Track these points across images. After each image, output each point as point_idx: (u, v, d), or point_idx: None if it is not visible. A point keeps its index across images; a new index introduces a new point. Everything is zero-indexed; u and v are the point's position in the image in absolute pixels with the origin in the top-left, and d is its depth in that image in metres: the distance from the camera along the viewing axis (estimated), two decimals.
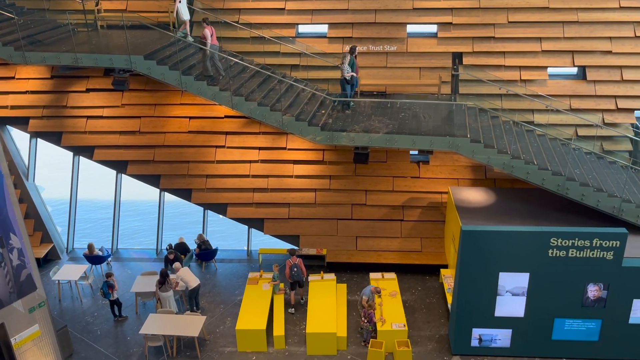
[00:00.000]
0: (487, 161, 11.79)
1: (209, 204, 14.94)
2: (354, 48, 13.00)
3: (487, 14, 14.21)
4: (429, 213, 14.23)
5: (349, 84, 12.95)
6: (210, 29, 12.82)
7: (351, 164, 14.24)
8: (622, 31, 13.92)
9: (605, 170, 12.68)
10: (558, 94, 14.08)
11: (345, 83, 12.93)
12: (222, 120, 14.79)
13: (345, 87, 13.00)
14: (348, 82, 12.91)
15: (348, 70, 12.69)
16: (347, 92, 13.06)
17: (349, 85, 12.99)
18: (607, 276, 10.46)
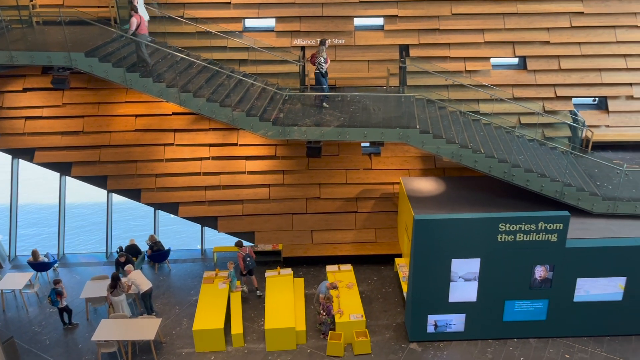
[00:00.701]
0: (437, 151, 12.06)
1: (160, 203, 14.59)
2: (325, 40, 12.93)
3: (431, 6, 14.48)
4: (382, 204, 14.43)
5: (325, 77, 12.89)
6: (139, 17, 12.29)
7: (304, 158, 14.23)
8: (559, 22, 14.50)
9: (547, 156, 13.22)
10: (501, 84, 14.54)
11: (321, 76, 12.86)
12: (170, 117, 14.45)
13: (321, 80, 12.91)
14: (324, 76, 12.86)
15: (325, 62, 12.63)
16: (324, 86, 12.98)
17: (325, 79, 12.93)
18: (552, 257, 10.92)
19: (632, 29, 14.50)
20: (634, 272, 11.01)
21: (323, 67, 12.66)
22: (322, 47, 12.72)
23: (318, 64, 12.76)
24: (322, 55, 12.63)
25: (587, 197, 12.04)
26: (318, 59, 12.73)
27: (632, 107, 14.63)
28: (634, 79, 14.56)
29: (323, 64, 12.65)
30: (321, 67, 12.69)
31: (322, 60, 12.63)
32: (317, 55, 12.78)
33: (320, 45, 12.84)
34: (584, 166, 13.30)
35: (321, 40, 12.91)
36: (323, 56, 12.62)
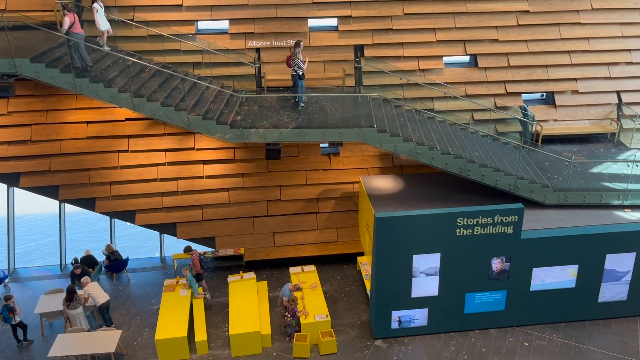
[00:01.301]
0: (394, 149, 12.22)
1: (116, 212, 14.18)
2: (300, 42, 12.92)
3: (384, 6, 14.66)
4: (343, 203, 14.51)
5: (302, 78, 12.91)
6: (72, 16, 11.88)
7: (263, 161, 14.15)
8: (507, 20, 14.96)
9: (500, 151, 13.62)
10: (454, 82, 14.88)
11: (298, 78, 12.87)
12: (123, 123, 14.08)
13: (297, 82, 12.92)
14: (301, 77, 12.88)
15: (302, 63, 12.68)
16: (301, 87, 13.00)
17: (302, 80, 12.95)
18: (509, 249, 11.25)
19: (575, 26, 15.12)
20: (585, 259, 11.48)
21: (301, 68, 12.73)
22: (298, 49, 12.76)
23: (295, 66, 12.80)
24: (299, 57, 12.68)
25: (539, 189, 12.47)
26: (294, 60, 12.76)
27: (578, 102, 15.25)
28: (578, 74, 15.18)
29: (300, 65, 12.70)
30: (298, 68, 12.74)
31: (299, 61, 12.68)
32: (293, 57, 12.82)
33: (295, 47, 12.86)
34: (535, 159, 13.77)
35: (296, 42, 12.94)
36: (300, 58, 12.68)
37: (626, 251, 11.48)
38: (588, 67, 15.20)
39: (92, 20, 12.86)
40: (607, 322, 12.03)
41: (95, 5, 12.55)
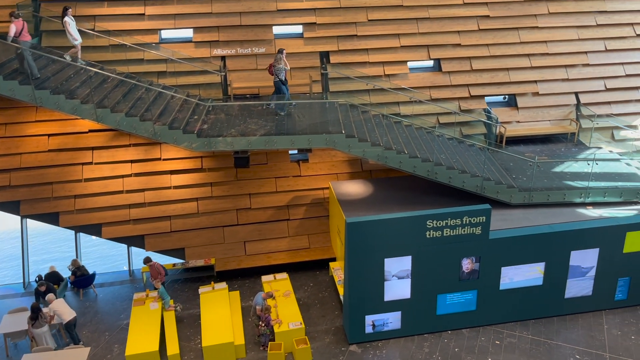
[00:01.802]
0: (363, 154, 12.30)
1: (81, 226, 13.82)
2: (283, 50, 13.03)
3: (348, 13, 14.79)
4: (313, 210, 14.51)
5: (285, 84, 12.99)
6: (20, 23, 11.55)
7: (232, 169, 14.04)
8: (468, 25, 15.28)
9: (466, 153, 13.86)
10: (419, 86, 15.09)
11: (281, 84, 12.94)
12: (86, 135, 13.76)
13: (281, 88, 12.99)
14: (284, 83, 12.97)
15: (284, 70, 12.84)
16: (286, 94, 13.09)
17: (285, 87, 13.03)
18: (478, 249, 11.44)
19: (533, 30, 15.55)
20: (551, 256, 11.76)
21: (282, 75, 12.83)
22: (280, 56, 12.87)
23: (277, 72, 12.85)
24: (280, 64, 12.77)
25: (505, 189, 12.74)
26: (276, 67, 12.83)
27: (539, 103, 15.67)
28: (538, 76, 15.61)
29: (282, 71, 12.79)
30: (280, 74, 12.82)
31: (281, 68, 12.77)
32: (274, 64, 12.89)
33: (277, 54, 12.95)
34: (500, 160, 14.07)
35: (279, 50, 13.04)
36: (281, 64, 12.77)
37: (590, 247, 11.82)
38: (547, 69, 15.66)
39: (58, 31, 12.54)
40: (574, 317, 12.35)
41: (66, 18, 12.31)
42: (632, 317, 12.27)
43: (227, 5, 14.35)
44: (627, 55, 15.87)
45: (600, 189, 12.92)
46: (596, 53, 15.79)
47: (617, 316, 12.32)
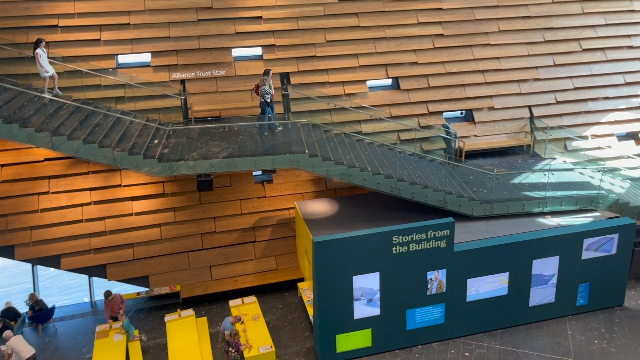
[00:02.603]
0: (327, 173, 12.36)
1: (38, 258, 13.32)
2: (269, 70, 13.13)
3: (306, 34, 14.97)
4: (280, 230, 14.42)
5: (270, 105, 13.04)
6: None
7: (195, 193, 13.85)
8: (423, 44, 15.69)
9: (427, 168, 14.11)
10: (379, 104, 15.34)
11: (266, 105, 13.00)
12: (42, 164, 13.35)
13: (266, 109, 13.05)
14: (269, 104, 13.00)
15: (269, 91, 12.91)
16: (270, 115, 13.17)
17: (270, 108, 13.09)
18: (444, 263, 11.59)
19: (485, 47, 16.10)
20: (514, 266, 12.03)
21: (268, 93, 12.94)
22: (266, 77, 12.99)
23: (262, 93, 12.94)
24: (266, 85, 12.90)
25: (466, 202, 13.00)
26: (261, 88, 12.93)
27: (494, 117, 16.14)
28: (492, 91, 16.11)
29: (268, 91, 12.90)
30: (265, 96, 12.91)
31: (267, 89, 12.88)
32: (260, 85, 12.99)
33: (264, 75, 13.07)
34: (460, 174, 14.38)
35: (265, 71, 13.17)
36: (267, 85, 12.90)
37: (550, 255, 12.16)
38: (501, 84, 16.19)
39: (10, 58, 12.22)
40: (539, 324, 12.61)
41: (38, 50, 12.07)
42: (594, 322, 12.62)
43: (184, 29, 14.31)
44: (575, 69, 16.59)
45: (557, 198, 13.35)
46: (546, 68, 16.45)
47: (580, 321, 12.66)
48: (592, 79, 16.67)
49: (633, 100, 16.83)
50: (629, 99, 16.83)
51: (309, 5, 14.96)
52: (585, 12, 16.69)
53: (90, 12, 13.80)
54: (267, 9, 14.71)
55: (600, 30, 16.76)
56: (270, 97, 13.09)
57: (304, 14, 14.92)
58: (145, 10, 14.07)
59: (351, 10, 15.20)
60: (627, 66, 16.88)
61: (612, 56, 16.80)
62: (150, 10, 14.12)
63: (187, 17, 14.30)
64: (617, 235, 12.40)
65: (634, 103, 16.82)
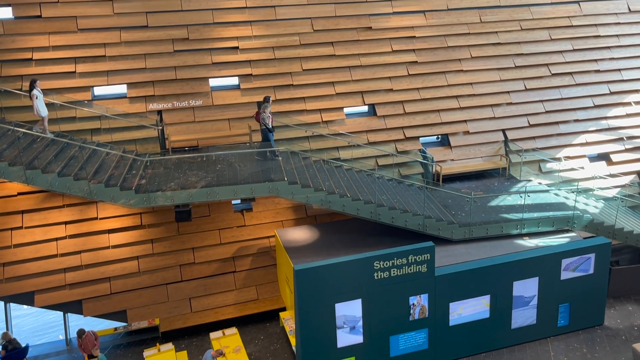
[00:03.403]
0: (306, 200, 12.35)
1: (11, 295, 12.92)
2: (269, 97, 13.28)
3: (283, 64, 15.13)
4: (260, 259, 14.28)
5: (271, 132, 13.15)
6: None
7: (173, 224, 13.68)
8: (398, 71, 15.98)
9: (406, 193, 14.21)
10: (356, 131, 15.49)
11: (268, 132, 13.10)
12: (15, 198, 13.07)
13: (268, 135, 13.15)
14: (270, 131, 13.11)
15: (269, 118, 13.04)
16: (271, 141, 13.27)
17: (272, 134, 13.19)
18: (425, 287, 11.58)
19: (458, 73, 16.46)
20: (495, 288, 12.08)
21: (267, 123, 13.03)
22: (266, 104, 13.10)
23: (262, 120, 13.05)
24: (266, 112, 13.03)
25: (446, 226, 13.09)
26: (262, 115, 13.06)
27: (470, 141, 16.42)
28: (467, 116, 16.42)
29: (267, 120, 13.01)
30: (265, 123, 13.02)
31: (266, 116, 13.00)
32: (261, 112, 13.11)
33: (264, 102, 13.17)
34: (438, 198, 14.51)
35: (264, 98, 13.30)
36: (267, 113, 13.03)
37: (530, 277, 12.25)
38: (474, 109, 16.52)
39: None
40: (522, 347, 12.61)
41: (34, 92, 12.12)
42: (575, 342, 12.68)
43: (161, 60, 14.34)
44: (545, 93, 17.05)
45: (534, 219, 13.53)
46: (517, 92, 16.86)
47: (562, 342, 12.71)
48: (562, 102, 17.14)
49: (602, 122, 17.33)
50: (598, 121, 17.32)
51: (285, 35, 15.17)
52: (552, 39, 17.25)
53: (65, 44, 13.76)
54: (243, 39, 14.87)
55: (567, 56, 17.32)
56: (271, 123, 13.25)
57: (280, 44, 15.11)
58: (121, 42, 14.09)
59: (326, 40, 15.46)
60: (595, 89, 17.42)
61: (580, 80, 17.33)
62: (126, 42, 14.14)
63: (164, 48, 14.35)
64: (594, 255, 12.59)
65: (603, 125, 17.31)
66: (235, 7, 14.84)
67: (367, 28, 15.78)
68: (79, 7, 13.87)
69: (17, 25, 13.53)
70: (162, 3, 14.38)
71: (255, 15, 14.98)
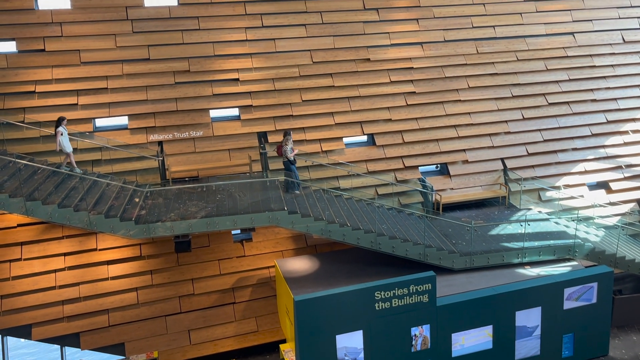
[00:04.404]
0: (306, 229, 12.33)
1: (8, 329, 12.75)
2: (289, 131, 13.57)
3: (282, 95, 15.31)
4: (260, 290, 14.16)
5: (293, 164, 13.38)
6: None
7: (173, 254, 13.62)
8: (396, 101, 16.16)
9: (406, 222, 14.19)
10: (355, 160, 15.56)
11: (290, 164, 13.33)
12: (14, 230, 13.04)
13: (290, 167, 13.39)
14: (292, 163, 13.34)
15: (291, 150, 13.27)
16: (294, 172, 13.46)
17: (294, 166, 13.43)
18: (427, 318, 11.45)
19: (456, 102, 16.64)
20: (498, 318, 11.95)
21: (289, 155, 13.29)
22: (288, 138, 13.39)
23: (284, 153, 13.34)
24: (288, 145, 13.28)
25: (446, 255, 13.03)
26: (283, 147, 13.32)
27: (469, 170, 16.48)
28: (465, 145, 16.53)
29: (289, 152, 13.26)
30: (287, 155, 13.27)
31: (288, 149, 13.25)
32: (282, 145, 13.38)
33: (285, 136, 13.44)
34: (439, 227, 14.48)
35: (285, 132, 13.55)
36: (289, 145, 13.28)
37: (533, 306, 12.13)
38: (473, 138, 16.63)
39: None
40: None
41: (60, 128, 12.38)
42: None
43: (162, 92, 14.52)
44: (543, 122, 17.19)
45: (535, 248, 13.48)
46: (515, 121, 17.01)
47: None
48: (560, 131, 17.27)
49: (600, 150, 17.42)
50: (596, 149, 17.42)
51: (285, 66, 15.40)
52: (548, 69, 17.49)
53: (67, 77, 13.95)
54: (243, 71, 15.09)
55: (564, 85, 17.54)
56: (293, 156, 13.51)
57: (280, 75, 15.33)
58: (123, 74, 14.29)
59: (325, 71, 15.68)
60: (592, 118, 17.58)
61: (577, 109, 17.50)
62: (128, 75, 14.35)
63: (165, 80, 14.55)
64: (596, 284, 12.49)
65: (601, 153, 17.41)
66: (236, 39, 15.12)
67: (366, 59, 16.03)
68: (82, 40, 14.12)
69: (20, 59, 13.75)
70: (163, 36, 14.65)
71: (256, 47, 15.24)
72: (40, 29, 13.89)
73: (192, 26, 14.86)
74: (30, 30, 13.83)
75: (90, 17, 14.21)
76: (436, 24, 16.81)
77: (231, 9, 15.18)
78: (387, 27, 16.37)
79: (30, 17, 13.85)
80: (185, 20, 14.84)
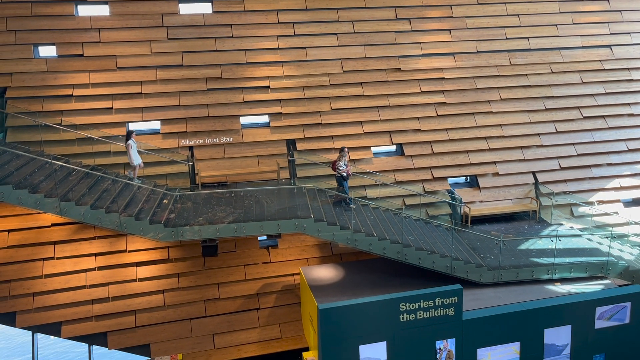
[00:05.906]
0: (332, 238, 12.31)
1: (39, 325, 13.08)
2: (344, 148, 13.86)
3: (312, 103, 15.40)
4: (284, 297, 14.19)
5: (345, 180, 13.62)
6: None
7: (200, 258, 13.77)
8: (426, 112, 16.06)
9: (433, 234, 14.03)
10: (383, 170, 15.51)
11: (342, 179, 13.58)
12: (49, 229, 13.40)
13: (342, 182, 13.66)
14: (344, 179, 13.53)
15: (344, 167, 13.52)
16: (345, 188, 13.73)
17: (346, 182, 13.71)
18: (452, 332, 11.27)
19: (488, 114, 16.44)
20: (526, 335, 11.66)
21: (340, 171, 13.56)
22: (343, 154, 13.65)
23: (337, 169, 13.63)
24: (341, 161, 13.58)
25: (474, 268, 12.83)
26: (337, 163, 13.61)
27: (499, 183, 16.23)
28: (496, 157, 16.29)
29: (340, 168, 13.55)
30: (339, 171, 13.57)
31: (341, 165, 13.55)
32: (337, 161, 13.68)
33: (340, 152, 13.71)
34: (467, 240, 14.27)
35: (340, 149, 13.81)
36: (342, 162, 13.57)
37: (562, 324, 11.81)
38: (504, 150, 16.39)
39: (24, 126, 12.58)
40: None
41: (130, 142, 12.96)
42: None
43: (194, 97, 14.77)
44: (577, 136, 16.83)
45: (566, 264, 13.16)
46: (548, 135, 16.70)
47: None
48: (594, 145, 16.87)
49: (637, 166, 16.93)
50: (632, 165, 16.94)
51: (315, 75, 15.49)
52: (584, 82, 17.14)
53: (104, 82, 14.34)
54: (274, 79, 15.23)
55: (600, 99, 17.15)
56: (347, 173, 13.70)
57: (310, 84, 15.42)
58: (157, 80, 14.61)
59: (355, 80, 15.71)
60: (629, 133, 17.12)
61: (613, 124, 17.08)
62: (162, 80, 14.65)
63: (197, 86, 14.81)
64: (630, 304, 12.09)
65: (638, 169, 16.91)
66: (268, 47, 15.29)
67: (396, 69, 16.00)
68: (119, 46, 14.50)
69: (59, 63, 14.19)
70: (197, 43, 14.93)
71: (287, 55, 15.38)
72: (79, 35, 14.33)
73: (225, 34, 15.11)
74: (70, 36, 14.28)
75: (127, 23, 14.59)
76: (469, 35, 16.68)
77: (264, 17, 15.37)
78: (419, 37, 16.32)
79: (70, 23, 14.32)
80: (219, 28, 15.10)
